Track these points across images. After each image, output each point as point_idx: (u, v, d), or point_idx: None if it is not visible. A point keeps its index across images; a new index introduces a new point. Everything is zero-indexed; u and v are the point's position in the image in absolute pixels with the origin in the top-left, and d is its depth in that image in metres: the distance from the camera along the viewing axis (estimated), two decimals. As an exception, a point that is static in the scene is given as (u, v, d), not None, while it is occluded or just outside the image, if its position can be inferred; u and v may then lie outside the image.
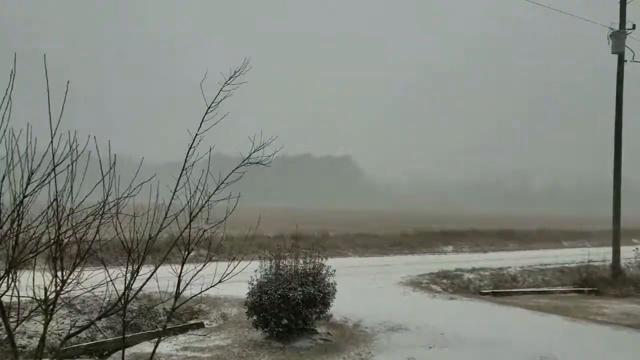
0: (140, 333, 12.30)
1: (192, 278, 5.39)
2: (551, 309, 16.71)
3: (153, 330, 13.02)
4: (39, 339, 11.41)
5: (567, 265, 26.14)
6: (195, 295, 5.77)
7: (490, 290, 20.80)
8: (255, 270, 12.06)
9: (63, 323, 12.20)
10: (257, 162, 5.80)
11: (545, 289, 22.12)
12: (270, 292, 11.68)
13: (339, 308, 13.10)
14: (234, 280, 6.13)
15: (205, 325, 13.69)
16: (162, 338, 12.51)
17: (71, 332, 5.96)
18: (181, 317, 14.21)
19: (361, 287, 19.06)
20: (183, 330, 13.02)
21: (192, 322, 13.88)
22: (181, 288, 5.62)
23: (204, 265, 5.44)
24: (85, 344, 11.48)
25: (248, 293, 12.04)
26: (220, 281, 5.54)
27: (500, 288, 21.52)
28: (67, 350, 10.74)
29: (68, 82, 4.48)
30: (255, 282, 12.06)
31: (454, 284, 21.51)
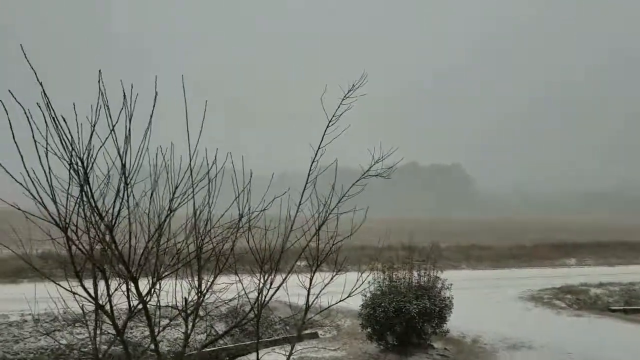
0: (258, 341, 12.65)
1: (320, 291, 5.45)
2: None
3: (270, 339, 13.38)
4: (176, 344, 12.21)
5: None
6: (327, 308, 5.83)
7: (621, 307, 19.14)
8: (369, 283, 11.98)
9: (199, 329, 12.84)
10: (377, 175, 5.76)
11: (687, 307, 19.95)
12: (384, 305, 11.55)
13: (456, 323, 12.67)
14: (344, 291, 6.11)
15: (320, 336, 13.81)
16: (280, 347, 12.92)
17: (206, 340, 6.22)
18: (296, 326, 14.45)
19: (478, 302, 18.35)
20: (298, 339, 13.21)
21: (307, 331, 14.07)
22: (310, 300, 5.68)
23: (331, 279, 5.48)
24: (208, 349, 12.00)
25: (361, 305, 11.98)
26: (349, 295, 5.56)
27: (632, 305, 19.72)
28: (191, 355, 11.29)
29: (206, 102, 4.73)
30: (368, 294, 11.97)
31: (579, 300, 20.05)
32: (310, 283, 5.61)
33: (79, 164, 4.32)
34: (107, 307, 4.79)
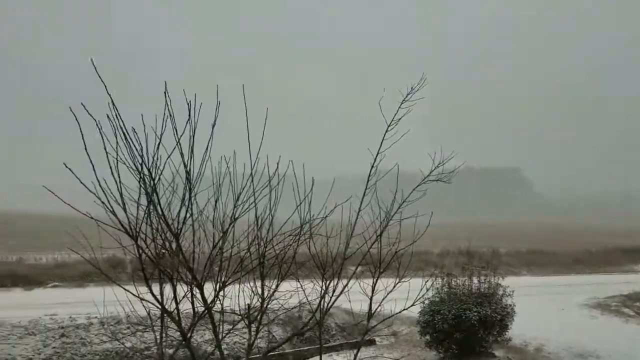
0: (315, 346, 12.67)
1: (383, 299, 5.40)
2: None
3: (327, 345, 13.36)
4: (234, 348, 12.41)
5: None
6: (392, 316, 5.78)
7: (695, 317, 18.06)
8: (427, 289, 11.77)
9: (261, 334, 12.98)
10: (437, 179, 5.66)
11: None
12: (443, 312, 11.33)
13: (518, 331, 12.28)
14: (402, 297, 6.02)
15: (377, 343, 13.68)
16: (337, 353, 12.90)
17: (269, 347, 6.28)
18: (353, 332, 14.37)
19: (541, 309, 17.72)
20: (355, 346, 13.14)
21: (365, 338, 13.94)
22: (373, 308, 5.64)
23: (394, 287, 5.42)
24: (270, 353, 12.11)
25: (420, 312, 11.79)
26: (413, 304, 5.49)
27: None
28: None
29: (267, 109, 4.79)
30: (427, 301, 11.77)
31: (649, 308, 19.08)
32: (373, 290, 5.56)
33: (147, 174, 4.45)
34: (172, 311, 4.90)
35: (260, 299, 5.18)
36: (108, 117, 4.16)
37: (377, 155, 5.42)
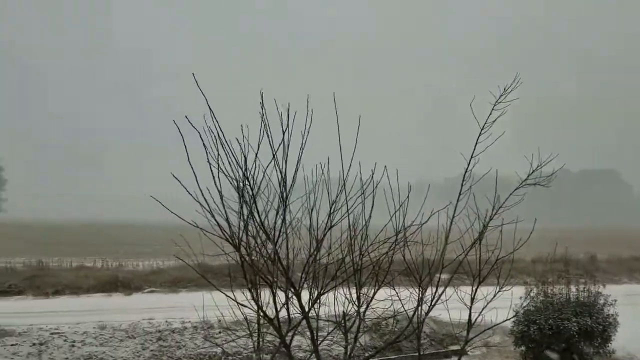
0: (404, 355, 12.47)
1: (483, 308, 5.24)
2: None
3: (415, 354, 13.11)
4: (327, 354, 12.44)
5: None
6: (493, 327, 5.60)
7: None
8: (520, 297, 11.29)
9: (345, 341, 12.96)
10: (535, 183, 5.42)
11: None
12: (539, 322, 10.82)
13: (622, 343, 11.49)
14: (496, 306, 5.79)
15: (469, 353, 13.26)
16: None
17: (367, 354, 6.27)
18: (442, 341, 14.03)
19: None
20: (445, 356, 12.83)
21: (453, 347, 13.60)
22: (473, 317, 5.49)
23: (494, 297, 5.24)
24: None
25: (513, 322, 11.31)
26: (516, 314, 5.28)
27: None
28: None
29: (360, 116, 4.81)
30: (521, 310, 11.29)
31: None
32: (472, 300, 5.40)
33: (248, 184, 4.58)
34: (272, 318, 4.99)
35: (355, 307, 5.17)
36: (210, 130, 4.32)
37: (470, 159, 5.26)
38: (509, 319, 5.54)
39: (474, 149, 5.29)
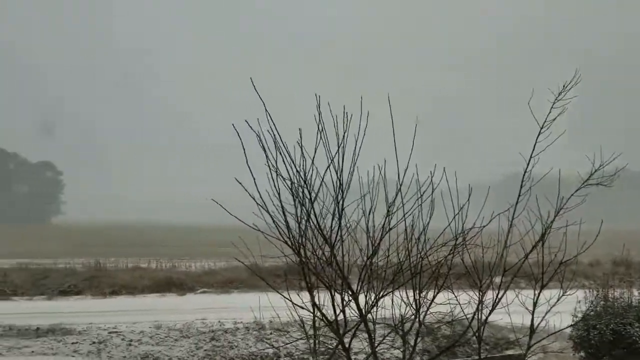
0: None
1: (546, 314, 5.11)
2: None
3: (468, 358, 12.86)
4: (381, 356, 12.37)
5: None
6: (556, 332, 5.46)
7: None
8: (579, 301, 10.92)
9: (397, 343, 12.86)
10: (597, 183, 5.24)
11: None
12: (599, 327, 10.42)
13: (690, 350, 10.91)
14: (554, 311, 5.60)
15: (526, 359, 12.91)
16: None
17: (424, 357, 6.22)
18: (497, 346, 13.71)
19: None
20: (508, 360, 12.52)
21: (509, 352, 13.26)
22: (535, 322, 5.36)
23: (557, 301, 5.11)
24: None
25: (573, 326, 10.94)
26: (583, 319, 5.12)
27: None
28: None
29: (418, 117, 4.78)
30: (580, 315, 10.91)
31: None
32: (535, 304, 5.27)
33: (305, 187, 4.62)
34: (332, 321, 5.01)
35: (414, 310, 5.13)
36: (270, 133, 4.38)
37: (529, 160, 5.14)
38: (573, 324, 5.36)
39: (533, 149, 5.17)
